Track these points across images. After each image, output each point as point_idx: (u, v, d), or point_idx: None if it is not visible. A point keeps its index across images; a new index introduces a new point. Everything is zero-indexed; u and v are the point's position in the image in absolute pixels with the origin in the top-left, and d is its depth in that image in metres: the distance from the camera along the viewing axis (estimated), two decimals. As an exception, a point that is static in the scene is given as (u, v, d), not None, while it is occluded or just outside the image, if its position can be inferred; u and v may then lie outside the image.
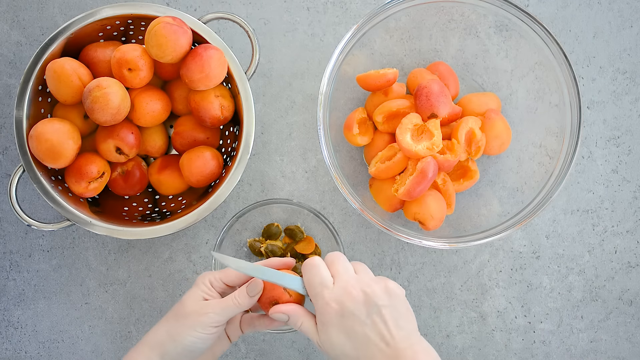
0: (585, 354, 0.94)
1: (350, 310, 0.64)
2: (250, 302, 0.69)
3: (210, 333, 0.68)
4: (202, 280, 0.70)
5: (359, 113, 0.88)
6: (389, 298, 0.65)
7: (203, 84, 0.82)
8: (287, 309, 0.68)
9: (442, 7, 0.88)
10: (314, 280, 0.67)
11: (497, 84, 0.92)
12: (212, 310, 0.67)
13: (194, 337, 0.67)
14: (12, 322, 0.94)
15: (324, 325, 0.65)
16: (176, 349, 0.67)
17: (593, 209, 0.94)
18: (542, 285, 0.94)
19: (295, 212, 0.93)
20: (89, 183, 0.83)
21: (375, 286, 0.65)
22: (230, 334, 0.73)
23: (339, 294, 0.65)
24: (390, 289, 0.65)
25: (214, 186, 0.87)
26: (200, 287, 0.70)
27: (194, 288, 0.70)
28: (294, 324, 0.67)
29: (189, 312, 0.68)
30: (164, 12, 0.83)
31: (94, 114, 0.80)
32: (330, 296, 0.65)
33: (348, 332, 0.64)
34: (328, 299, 0.65)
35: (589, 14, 0.95)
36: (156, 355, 0.68)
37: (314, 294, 0.66)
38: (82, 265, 0.93)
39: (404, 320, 0.65)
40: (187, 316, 0.68)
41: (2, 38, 0.94)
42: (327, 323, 0.65)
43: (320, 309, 0.65)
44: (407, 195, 0.82)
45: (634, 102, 0.94)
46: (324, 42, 0.94)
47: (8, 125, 0.94)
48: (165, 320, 0.69)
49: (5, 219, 0.94)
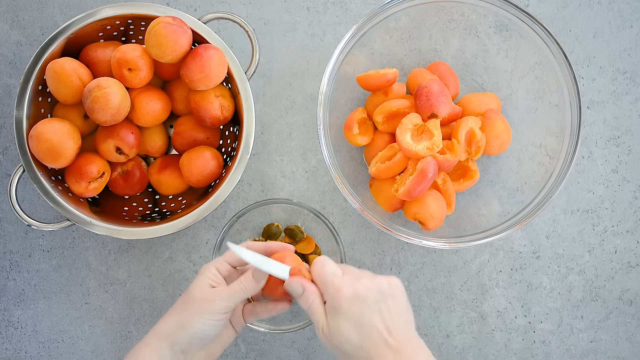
0: (585, 354, 0.94)
1: (362, 294, 0.65)
2: (257, 288, 0.69)
3: (218, 319, 0.68)
4: (207, 269, 0.71)
5: (359, 113, 0.88)
6: (394, 291, 0.66)
7: (203, 84, 0.82)
8: (305, 282, 0.68)
9: (442, 7, 0.88)
10: (324, 271, 0.68)
11: (497, 84, 0.92)
12: (219, 297, 0.68)
13: (202, 324, 0.67)
14: (12, 322, 0.94)
15: (334, 310, 0.66)
16: (186, 337, 0.67)
17: (593, 209, 0.94)
18: (542, 285, 0.94)
19: (295, 212, 0.93)
20: (89, 183, 0.83)
21: (382, 278, 0.67)
22: (234, 324, 0.74)
23: (350, 280, 0.66)
24: (395, 283, 0.67)
25: (214, 186, 0.87)
26: (206, 274, 0.70)
27: (200, 276, 0.70)
28: (305, 300, 0.67)
29: (197, 299, 0.68)
30: (164, 12, 0.83)
31: (94, 114, 0.80)
32: (342, 282, 0.66)
33: (356, 319, 0.65)
34: (339, 285, 0.66)
35: (589, 14, 0.95)
36: (165, 345, 0.67)
37: (325, 282, 0.67)
38: (82, 265, 0.93)
39: (405, 315, 0.66)
40: (194, 304, 0.68)
41: (2, 38, 0.94)
42: (337, 308, 0.65)
43: (331, 294, 0.66)
44: (407, 195, 0.82)
45: (634, 102, 0.94)
46: (324, 42, 0.94)
47: (8, 125, 0.94)
48: (173, 310, 0.70)
49: (5, 219, 0.94)
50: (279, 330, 0.88)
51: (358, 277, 0.67)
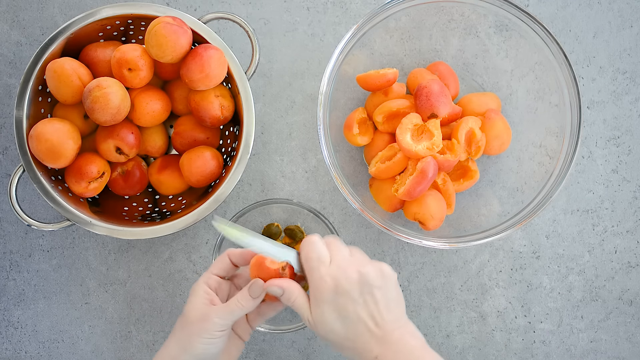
0: (585, 354, 0.94)
1: (345, 288, 0.65)
2: (254, 304, 0.69)
3: (219, 337, 0.67)
4: (197, 287, 0.70)
5: (359, 113, 0.88)
6: (383, 280, 0.66)
7: (203, 84, 0.82)
8: (282, 283, 0.68)
9: (442, 7, 0.88)
10: (311, 255, 0.67)
11: (497, 84, 0.92)
12: (216, 316, 0.67)
13: (203, 345, 0.67)
14: (12, 322, 0.94)
15: (317, 301, 0.66)
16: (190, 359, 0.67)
17: (593, 209, 0.94)
18: (542, 285, 0.94)
19: (295, 212, 0.93)
20: (89, 183, 0.83)
21: (370, 267, 0.66)
22: (240, 333, 0.73)
23: (335, 271, 0.66)
24: (384, 271, 0.67)
25: (214, 186, 0.87)
26: (198, 292, 0.69)
27: (192, 297, 0.69)
28: (287, 298, 0.68)
29: (194, 320, 0.67)
30: (164, 12, 0.83)
31: (94, 114, 0.80)
32: (327, 272, 0.66)
33: (340, 310, 0.65)
34: (324, 274, 0.66)
35: (589, 14, 0.95)
36: None
37: (310, 268, 0.67)
38: (82, 265, 0.94)
39: (394, 303, 0.66)
40: (192, 325, 0.67)
41: (2, 38, 0.94)
42: (320, 299, 0.65)
43: (315, 283, 0.66)
44: (407, 195, 0.82)
45: (634, 102, 0.94)
46: (324, 42, 0.94)
47: (8, 125, 0.94)
48: (173, 334, 0.69)
49: (5, 219, 0.94)
50: (279, 330, 0.88)
51: (345, 266, 0.66)
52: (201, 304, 0.68)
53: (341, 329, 0.65)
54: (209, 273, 0.71)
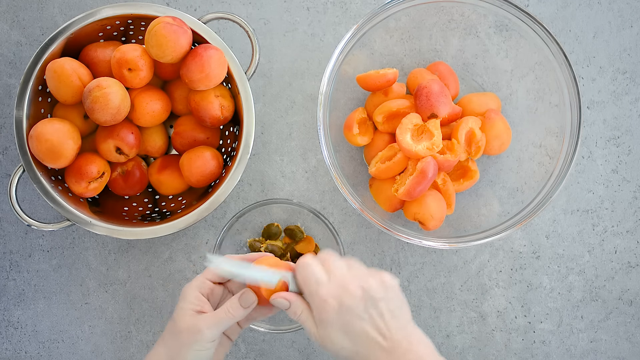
0: (585, 354, 0.94)
1: (348, 306, 0.64)
2: (244, 313, 0.68)
3: (208, 348, 0.67)
4: (188, 292, 0.68)
5: (359, 113, 0.88)
6: (385, 291, 0.65)
7: (203, 84, 0.82)
8: (290, 297, 0.67)
9: (442, 7, 0.88)
10: (309, 278, 0.66)
11: (497, 84, 0.92)
12: (206, 326, 0.66)
13: (193, 356, 0.66)
14: (12, 322, 0.94)
15: (322, 322, 0.65)
16: None
17: (593, 209, 0.94)
18: (542, 285, 0.94)
19: (295, 212, 0.93)
20: (89, 183, 0.83)
21: (372, 280, 0.65)
22: (229, 334, 0.72)
23: (336, 290, 0.65)
24: (385, 282, 0.66)
25: (214, 186, 0.87)
26: (189, 299, 0.68)
27: (182, 302, 0.68)
28: (293, 312, 0.67)
29: (183, 330, 0.66)
30: (164, 12, 0.83)
31: (94, 114, 0.80)
32: (328, 293, 0.65)
33: (346, 328, 0.64)
34: (325, 296, 0.65)
35: (589, 14, 0.95)
36: None
37: (310, 292, 0.66)
38: (82, 265, 0.94)
39: (399, 311, 0.65)
40: (181, 335, 0.66)
41: (2, 38, 0.94)
42: (325, 320, 0.65)
43: (317, 306, 0.65)
44: (407, 195, 0.82)
45: (634, 102, 0.94)
46: (324, 42, 0.94)
47: (8, 125, 0.94)
48: (162, 340, 0.68)
49: (5, 219, 0.94)
50: (279, 330, 0.88)
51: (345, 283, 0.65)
52: (191, 312, 0.67)
53: (350, 346, 0.64)
54: (203, 277, 0.70)
